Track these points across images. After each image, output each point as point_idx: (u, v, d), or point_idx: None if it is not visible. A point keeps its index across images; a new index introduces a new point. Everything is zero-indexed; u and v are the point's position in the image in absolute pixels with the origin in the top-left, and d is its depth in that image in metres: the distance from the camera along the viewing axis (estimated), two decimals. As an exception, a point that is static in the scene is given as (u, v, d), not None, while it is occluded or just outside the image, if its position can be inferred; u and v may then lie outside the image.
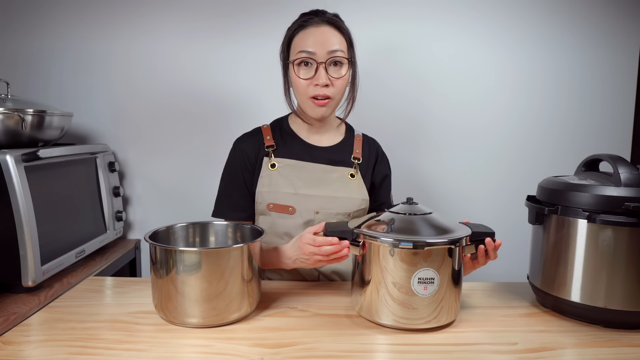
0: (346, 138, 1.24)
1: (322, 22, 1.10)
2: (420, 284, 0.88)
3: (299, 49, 1.09)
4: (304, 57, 1.09)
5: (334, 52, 1.09)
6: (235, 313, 0.91)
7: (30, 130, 1.31)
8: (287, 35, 1.14)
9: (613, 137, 1.77)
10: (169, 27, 1.71)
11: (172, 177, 1.78)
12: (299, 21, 1.12)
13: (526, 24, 1.71)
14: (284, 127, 1.24)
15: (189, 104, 1.74)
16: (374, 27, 1.69)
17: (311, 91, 1.10)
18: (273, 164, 1.17)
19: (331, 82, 1.10)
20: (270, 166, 1.17)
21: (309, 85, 1.10)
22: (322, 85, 1.09)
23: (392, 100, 1.74)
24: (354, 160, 1.21)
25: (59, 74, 1.74)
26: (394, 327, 0.91)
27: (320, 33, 1.09)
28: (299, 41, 1.10)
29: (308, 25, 1.10)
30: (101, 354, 0.80)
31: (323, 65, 1.08)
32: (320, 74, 1.08)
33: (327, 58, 1.08)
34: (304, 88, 1.11)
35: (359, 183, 1.20)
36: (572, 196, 0.94)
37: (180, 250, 0.88)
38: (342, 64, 1.11)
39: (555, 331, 0.92)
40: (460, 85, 1.74)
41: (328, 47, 1.08)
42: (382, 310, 0.90)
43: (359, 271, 0.95)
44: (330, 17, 1.12)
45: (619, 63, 1.73)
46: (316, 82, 1.09)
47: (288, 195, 1.15)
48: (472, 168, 1.78)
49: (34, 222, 1.19)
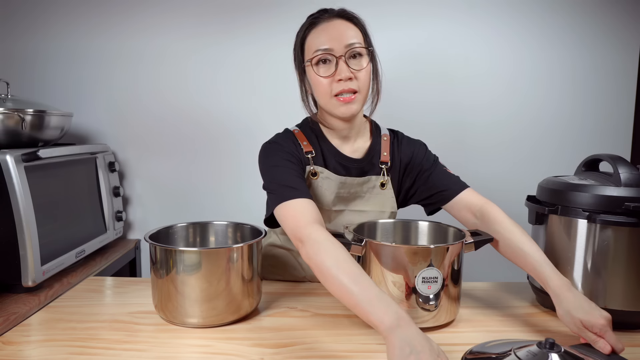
0: (374, 142, 1.14)
1: (333, 17, 1.04)
2: (424, 283, 0.87)
3: (314, 48, 1.02)
4: (321, 55, 1.01)
5: (352, 44, 1.01)
6: (235, 313, 0.91)
7: (30, 130, 1.31)
8: (298, 38, 1.08)
9: (613, 137, 1.77)
10: (171, 25, 1.71)
11: (172, 177, 1.78)
12: (308, 21, 1.06)
13: (526, 24, 1.71)
14: (317, 132, 1.13)
15: (189, 103, 1.74)
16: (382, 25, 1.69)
17: (335, 88, 1.02)
18: (314, 172, 1.08)
19: (354, 75, 1.01)
20: (312, 175, 1.08)
21: (331, 83, 1.02)
22: (346, 79, 1.00)
23: (392, 100, 1.74)
24: (382, 165, 1.12)
25: (59, 73, 1.74)
26: None
27: (334, 27, 1.02)
28: (312, 40, 1.04)
29: (319, 22, 1.04)
30: (101, 354, 0.80)
31: (343, 59, 1.00)
32: (342, 68, 1.00)
33: (346, 51, 1.01)
34: (326, 87, 1.02)
35: (389, 194, 1.13)
36: (572, 196, 0.94)
37: (180, 250, 0.88)
38: (361, 55, 1.03)
39: (555, 331, 0.92)
40: (460, 86, 1.74)
41: (344, 40, 1.01)
42: None
43: None
44: (340, 10, 1.06)
45: (619, 63, 1.73)
46: (338, 77, 1.00)
47: (322, 209, 1.07)
48: (471, 168, 1.78)
49: (34, 222, 1.19)
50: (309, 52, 1.04)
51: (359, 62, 1.03)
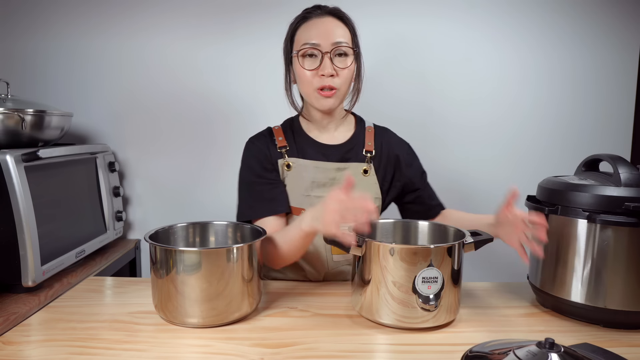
0: (357, 132, 1.22)
1: (324, 14, 1.10)
2: (424, 283, 0.87)
3: (303, 41, 1.09)
4: (308, 48, 1.08)
5: (339, 43, 1.08)
6: (235, 313, 0.91)
7: (30, 130, 1.31)
8: (290, 29, 1.14)
9: (613, 137, 1.77)
10: (171, 25, 1.71)
11: (172, 177, 1.78)
12: (301, 14, 1.13)
13: (526, 24, 1.71)
14: (294, 127, 1.22)
15: (189, 103, 1.74)
16: (380, 23, 1.69)
17: (317, 82, 1.09)
18: (288, 164, 1.15)
19: (337, 73, 1.08)
20: (286, 167, 1.15)
21: (314, 77, 1.09)
22: (328, 76, 1.08)
23: (392, 100, 1.74)
24: (367, 153, 1.19)
25: (59, 73, 1.74)
26: (395, 327, 0.91)
27: (324, 24, 1.09)
28: (302, 33, 1.10)
29: (311, 17, 1.11)
30: (101, 354, 0.80)
31: (328, 56, 1.07)
32: (326, 64, 1.07)
33: (332, 49, 1.08)
34: (310, 79, 1.09)
35: (372, 180, 1.18)
36: (572, 196, 0.94)
37: (180, 250, 0.88)
38: (347, 55, 1.10)
39: (555, 331, 0.92)
40: (461, 86, 1.74)
41: (332, 38, 1.07)
42: (382, 310, 0.90)
43: (358, 271, 0.95)
44: (333, 8, 1.12)
45: (619, 63, 1.73)
46: (322, 72, 1.08)
47: (301, 198, 1.14)
48: (471, 168, 1.78)
49: (34, 222, 1.19)
50: (297, 44, 1.11)
51: (343, 60, 1.10)
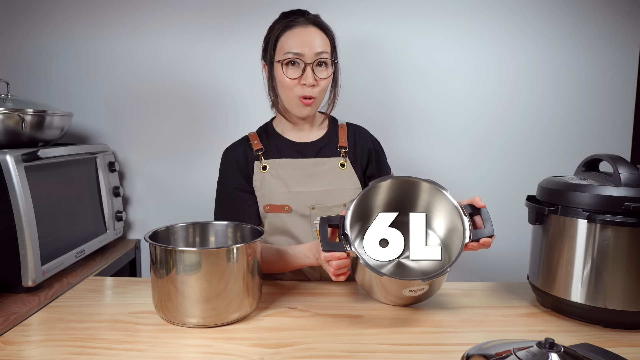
0: (330, 129, 1.27)
1: (308, 23, 1.13)
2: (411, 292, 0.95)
3: (286, 49, 1.12)
4: (291, 58, 1.12)
5: (320, 53, 1.12)
6: (235, 313, 0.91)
7: (30, 130, 1.31)
8: (273, 35, 1.16)
9: (613, 137, 1.77)
10: (170, 26, 1.71)
11: (172, 177, 1.78)
12: (285, 21, 1.14)
13: (525, 24, 1.71)
14: (269, 130, 1.27)
15: (189, 104, 1.74)
16: (374, 22, 1.69)
17: (298, 91, 1.14)
18: (264, 166, 1.20)
19: (317, 82, 1.14)
20: (262, 169, 1.19)
21: (296, 85, 1.14)
22: (309, 86, 1.13)
23: (391, 99, 1.74)
24: (341, 149, 1.23)
25: (59, 73, 1.74)
26: None
27: (307, 34, 1.12)
28: (286, 41, 1.13)
29: (295, 25, 1.13)
30: (101, 354, 0.80)
31: (310, 66, 1.12)
32: (308, 75, 1.12)
33: (314, 59, 1.12)
34: (291, 87, 1.14)
35: (349, 172, 1.22)
36: (572, 196, 0.94)
37: (180, 250, 0.88)
38: (327, 65, 1.15)
39: (555, 331, 0.92)
40: (461, 86, 1.74)
41: (315, 48, 1.12)
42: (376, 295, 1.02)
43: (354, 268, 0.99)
44: (316, 19, 1.15)
45: (619, 63, 1.73)
46: (303, 82, 1.12)
47: (282, 195, 1.17)
48: (471, 168, 1.78)
49: (34, 222, 1.19)
50: (280, 51, 1.14)
51: (323, 71, 1.15)
